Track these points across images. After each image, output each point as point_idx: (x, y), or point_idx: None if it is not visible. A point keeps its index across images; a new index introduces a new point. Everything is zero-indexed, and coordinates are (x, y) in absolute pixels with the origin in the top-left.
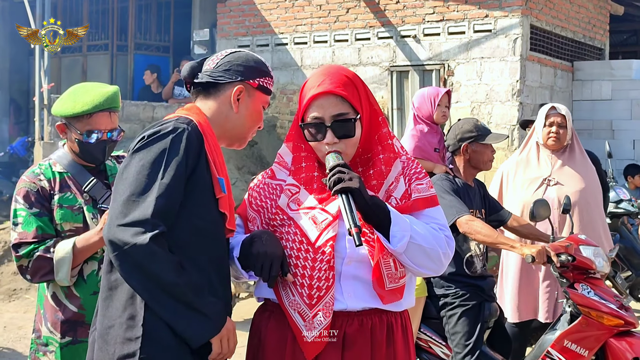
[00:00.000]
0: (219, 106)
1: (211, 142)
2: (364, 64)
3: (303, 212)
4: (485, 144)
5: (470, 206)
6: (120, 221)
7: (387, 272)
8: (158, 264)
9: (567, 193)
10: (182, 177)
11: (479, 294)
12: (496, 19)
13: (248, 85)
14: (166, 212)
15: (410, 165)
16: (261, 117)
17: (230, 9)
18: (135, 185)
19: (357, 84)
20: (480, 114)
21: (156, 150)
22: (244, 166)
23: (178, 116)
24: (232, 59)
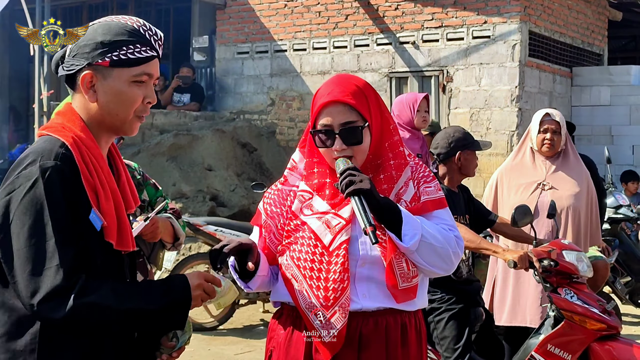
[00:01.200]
0: (82, 99)
1: (89, 161)
2: (363, 70)
3: (316, 217)
4: (474, 151)
5: (453, 212)
6: (38, 298)
7: (399, 272)
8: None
9: (562, 197)
10: (70, 219)
11: (465, 298)
12: (495, 25)
13: (98, 67)
14: (74, 264)
15: (418, 170)
16: (130, 95)
17: (229, 15)
18: (31, 257)
19: (368, 92)
20: (479, 119)
21: (33, 209)
22: (244, 172)
23: (48, 135)
24: (81, 40)
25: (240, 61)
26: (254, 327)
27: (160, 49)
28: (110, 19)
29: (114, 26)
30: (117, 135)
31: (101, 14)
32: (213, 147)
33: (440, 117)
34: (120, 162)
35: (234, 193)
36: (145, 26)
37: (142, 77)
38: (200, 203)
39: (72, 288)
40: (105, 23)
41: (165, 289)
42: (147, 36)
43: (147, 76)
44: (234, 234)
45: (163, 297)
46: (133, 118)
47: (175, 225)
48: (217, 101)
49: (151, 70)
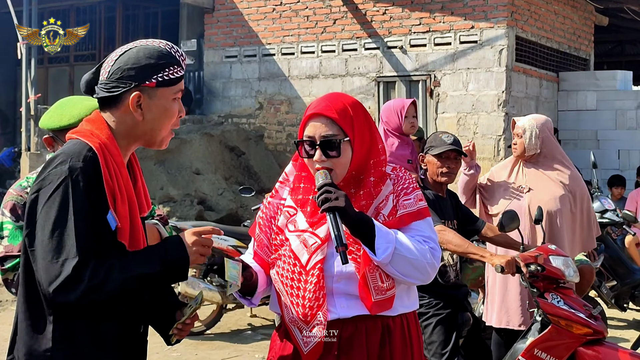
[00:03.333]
0: (122, 117)
1: (112, 166)
2: (351, 75)
3: (296, 235)
4: (438, 155)
5: (441, 217)
6: (54, 285)
7: (373, 285)
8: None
9: (540, 200)
10: (91, 216)
11: (453, 303)
12: (482, 30)
13: (145, 87)
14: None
15: (400, 182)
16: (172, 111)
17: (217, 19)
18: (52, 248)
19: (355, 111)
20: (466, 124)
21: (60, 204)
22: (232, 176)
23: (77, 139)
24: (122, 63)
25: (228, 65)
26: (241, 332)
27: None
28: (145, 43)
29: (153, 50)
30: (152, 147)
31: (89, 16)
32: (201, 150)
33: (427, 122)
34: (138, 169)
35: (222, 197)
36: (174, 48)
37: (178, 94)
38: (188, 207)
39: (83, 274)
40: (145, 47)
41: (162, 252)
42: (177, 57)
43: (181, 92)
44: (221, 239)
45: (162, 259)
46: (169, 131)
47: (161, 231)
48: (206, 105)
49: (182, 87)
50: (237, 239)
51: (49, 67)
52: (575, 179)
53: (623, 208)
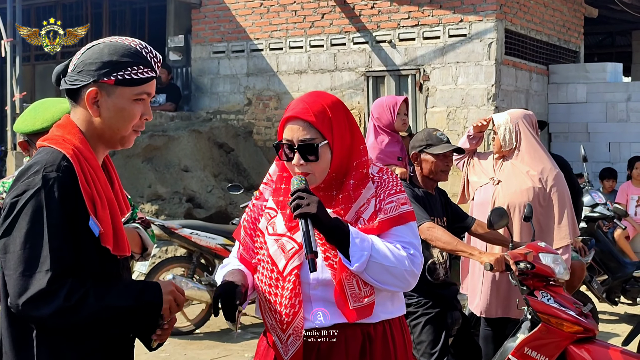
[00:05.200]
0: (83, 113)
1: (88, 171)
2: (340, 70)
3: (274, 239)
4: (436, 154)
5: (430, 214)
6: (24, 298)
7: (350, 292)
8: (76, 315)
9: (506, 193)
10: (66, 228)
11: (442, 302)
12: (471, 24)
13: (104, 84)
14: (64, 269)
15: (383, 185)
16: (131, 112)
17: (205, 14)
18: (24, 259)
19: (334, 112)
20: (456, 118)
21: (33, 215)
22: (221, 173)
23: (50, 147)
24: (86, 57)
25: (216, 61)
26: (230, 331)
27: (159, 70)
28: (115, 40)
29: (119, 47)
30: (114, 147)
31: (75, 12)
32: (189, 147)
33: (417, 116)
34: (113, 171)
35: (211, 194)
36: (147, 48)
37: (142, 96)
38: (177, 205)
39: (58, 291)
40: (111, 44)
41: (140, 289)
42: (148, 58)
43: (146, 95)
44: (209, 237)
45: (138, 296)
46: (131, 132)
47: (143, 235)
48: (194, 101)
49: (150, 89)
50: (226, 237)
51: (36, 64)
52: (550, 173)
53: (614, 201)
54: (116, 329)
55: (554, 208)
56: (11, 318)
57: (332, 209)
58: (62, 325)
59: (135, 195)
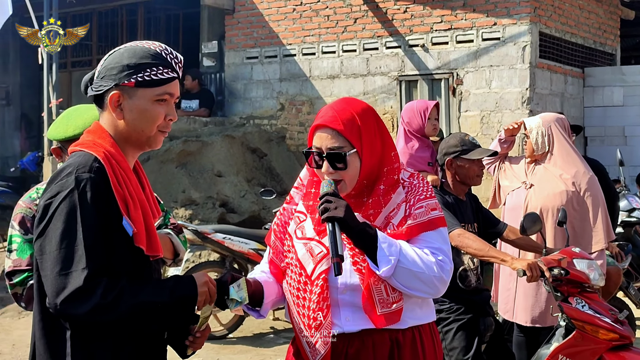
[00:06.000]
0: (109, 117)
1: (119, 173)
2: (373, 74)
3: (303, 243)
4: (471, 159)
5: (461, 220)
6: (61, 297)
7: (378, 298)
8: (113, 311)
9: (538, 197)
10: (100, 227)
11: (474, 308)
12: (504, 27)
13: (125, 87)
14: (99, 267)
15: (413, 191)
16: (154, 113)
17: (238, 20)
18: (60, 259)
19: (364, 120)
20: (490, 122)
21: (68, 215)
22: (254, 178)
23: (81, 150)
24: (107, 62)
25: (249, 66)
26: (263, 336)
27: (180, 71)
28: (135, 44)
29: (138, 50)
30: (142, 149)
31: (110, 20)
32: (223, 153)
33: (450, 121)
34: (143, 175)
35: (244, 199)
36: (167, 50)
37: (164, 96)
38: (210, 209)
39: (94, 289)
40: (131, 47)
41: (173, 284)
42: (168, 59)
43: (168, 95)
44: (242, 242)
45: (172, 291)
46: (156, 133)
47: (174, 241)
48: (227, 106)
49: (172, 90)
50: (258, 242)
51: (72, 71)
52: (584, 177)
53: None
54: (153, 325)
55: (588, 212)
56: (45, 320)
57: (361, 214)
58: (99, 322)
59: (169, 200)
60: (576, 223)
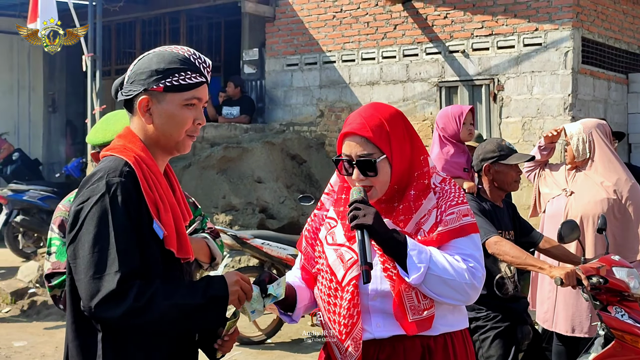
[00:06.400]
0: (139, 122)
1: (150, 177)
2: (412, 80)
3: (333, 249)
4: (509, 164)
5: (498, 227)
6: (96, 300)
7: (409, 304)
8: (147, 314)
9: (579, 204)
10: (131, 230)
11: (511, 316)
12: (546, 32)
13: (154, 92)
14: (131, 270)
15: (445, 196)
16: (182, 117)
17: (278, 28)
18: (93, 263)
19: (393, 125)
20: (531, 128)
21: (99, 220)
22: (293, 184)
23: (112, 155)
24: (137, 67)
25: (289, 73)
26: (301, 341)
27: (209, 75)
28: (163, 49)
29: (167, 55)
30: (171, 154)
31: (154, 28)
32: (262, 159)
33: (491, 127)
34: (174, 179)
35: (284, 205)
36: (195, 55)
37: (192, 101)
38: (250, 215)
39: (127, 292)
40: (159, 52)
41: (205, 285)
42: (196, 64)
43: (196, 100)
44: (280, 248)
45: (204, 292)
46: (185, 137)
47: (211, 245)
48: (267, 113)
49: (200, 94)
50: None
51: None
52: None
53: None
54: (186, 327)
55: (630, 221)
56: (77, 322)
57: (392, 220)
58: (132, 325)
59: (209, 205)
60: (617, 232)
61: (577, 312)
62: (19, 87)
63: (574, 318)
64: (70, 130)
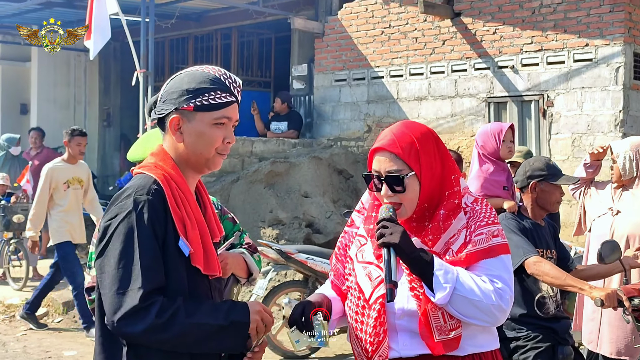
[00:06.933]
0: (171, 140)
1: (178, 195)
2: (461, 96)
3: (362, 266)
4: (555, 184)
5: (539, 245)
6: (118, 315)
7: (435, 324)
8: (167, 331)
9: (625, 224)
10: (156, 248)
11: (552, 336)
12: (597, 48)
13: (184, 111)
14: (155, 287)
15: (476, 216)
16: (211, 136)
17: (327, 44)
18: (118, 277)
19: (423, 143)
20: (581, 145)
21: (125, 236)
22: (340, 199)
23: (143, 173)
24: (168, 87)
25: (337, 88)
26: (346, 357)
27: (239, 95)
28: (195, 69)
29: (197, 75)
30: (202, 172)
31: (206, 44)
32: (310, 174)
33: (540, 143)
34: (206, 196)
35: (330, 220)
36: (226, 75)
37: (222, 120)
38: (296, 230)
39: (149, 309)
40: (191, 72)
41: (228, 308)
42: (227, 84)
43: (226, 119)
44: (324, 262)
45: (226, 314)
46: (215, 155)
47: (248, 260)
48: (315, 128)
49: (230, 114)
50: None
51: None
52: None
53: None
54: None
55: None
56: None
57: (421, 239)
58: (153, 341)
59: (256, 219)
60: None
61: (622, 333)
62: (75, 101)
63: (619, 340)
64: (124, 144)
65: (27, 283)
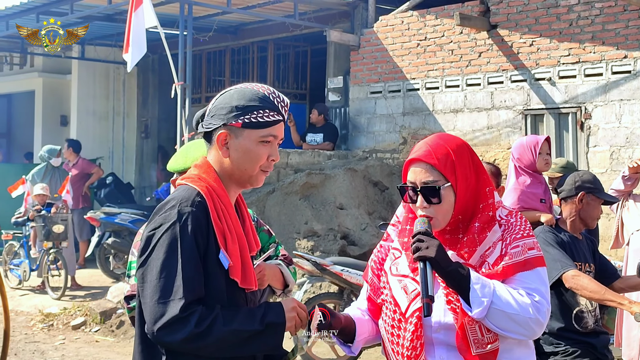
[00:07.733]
0: (216, 154)
1: (220, 208)
2: (497, 108)
3: (397, 280)
4: (600, 199)
5: (577, 259)
6: (159, 325)
7: (473, 338)
8: (206, 339)
9: None
10: (198, 259)
11: (591, 351)
12: (636, 60)
13: (233, 127)
14: (195, 297)
15: (511, 229)
16: (257, 153)
17: (363, 56)
18: (159, 287)
19: (458, 155)
20: (619, 158)
21: (169, 247)
22: (375, 211)
23: (186, 185)
24: (217, 102)
25: (373, 100)
26: None
27: (286, 114)
28: (245, 86)
29: (247, 93)
30: (244, 187)
31: (243, 56)
32: (345, 185)
33: (578, 156)
34: (245, 210)
35: (365, 232)
36: (274, 94)
37: (268, 138)
38: (332, 242)
39: (189, 318)
40: (241, 89)
41: (263, 312)
42: (275, 102)
43: (272, 137)
44: (359, 275)
45: (262, 318)
46: (258, 172)
47: (284, 272)
48: (350, 140)
49: (276, 132)
50: None
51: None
52: None
53: None
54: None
55: None
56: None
57: (456, 252)
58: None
59: (292, 231)
60: None
61: None
62: (114, 113)
63: None
64: (161, 155)
65: (65, 292)
